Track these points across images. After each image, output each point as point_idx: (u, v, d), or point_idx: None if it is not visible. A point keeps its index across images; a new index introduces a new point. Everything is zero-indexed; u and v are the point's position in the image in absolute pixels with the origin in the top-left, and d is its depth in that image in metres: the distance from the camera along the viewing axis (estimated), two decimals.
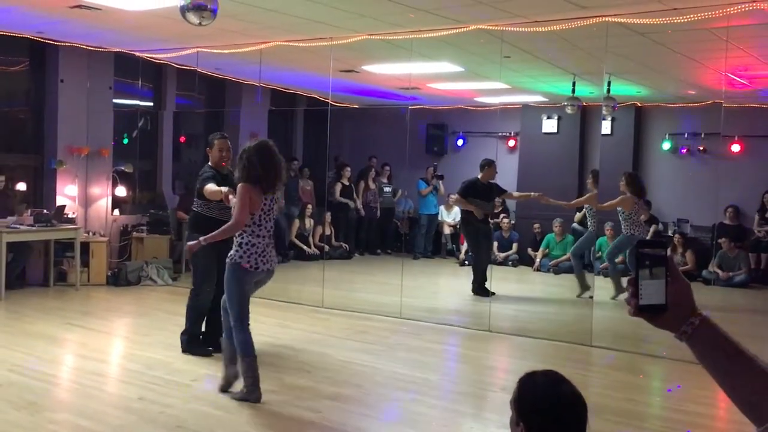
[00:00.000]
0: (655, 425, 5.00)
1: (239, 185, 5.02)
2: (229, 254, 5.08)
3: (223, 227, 5.12)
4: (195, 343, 6.35)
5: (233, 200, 5.20)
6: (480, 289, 9.48)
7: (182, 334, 6.39)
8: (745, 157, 11.65)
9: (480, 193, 9.48)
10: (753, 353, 1.29)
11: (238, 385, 5.11)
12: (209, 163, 6.34)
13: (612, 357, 6.75)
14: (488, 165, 9.60)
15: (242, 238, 5.01)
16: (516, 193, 10.57)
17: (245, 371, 5.01)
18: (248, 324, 5.06)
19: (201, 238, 5.19)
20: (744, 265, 11.15)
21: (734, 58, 8.01)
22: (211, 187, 5.95)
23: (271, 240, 5.15)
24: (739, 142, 11.67)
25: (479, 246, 9.71)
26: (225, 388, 5.19)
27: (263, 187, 5.02)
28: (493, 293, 9.35)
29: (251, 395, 4.99)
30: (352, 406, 5.09)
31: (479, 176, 9.58)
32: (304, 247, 12.65)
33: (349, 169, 13.47)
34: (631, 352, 6.74)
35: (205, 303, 6.28)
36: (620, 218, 9.17)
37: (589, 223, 9.80)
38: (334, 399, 5.18)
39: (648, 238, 12.22)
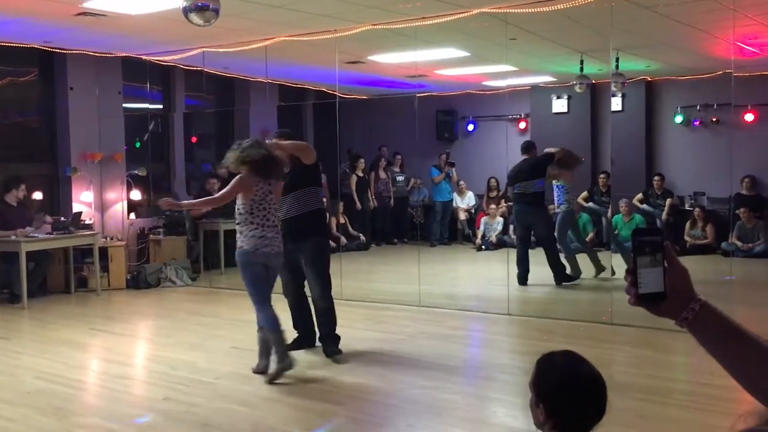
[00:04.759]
0: (679, 400, 4.99)
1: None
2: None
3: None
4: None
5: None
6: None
7: (335, 335, 6.20)
8: (759, 126, 11.53)
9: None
10: (756, 334, 1.28)
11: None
12: None
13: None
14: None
15: (238, 227, 5.49)
16: None
17: (276, 343, 5.39)
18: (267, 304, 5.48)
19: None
20: (763, 235, 11.05)
21: (743, 27, 7.92)
22: None
23: (265, 227, 5.44)
24: (753, 111, 11.55)
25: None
26: (269, 379, 5.40)
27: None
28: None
29: (284, 362, 5.34)
30: (375, 396, 5.12)
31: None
32: None
33: (363, 161, 13.47)
34: (651, 328, 6.71)
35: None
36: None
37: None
38: (357, 389, 5.21)
39: (664, 212, 12.07)
